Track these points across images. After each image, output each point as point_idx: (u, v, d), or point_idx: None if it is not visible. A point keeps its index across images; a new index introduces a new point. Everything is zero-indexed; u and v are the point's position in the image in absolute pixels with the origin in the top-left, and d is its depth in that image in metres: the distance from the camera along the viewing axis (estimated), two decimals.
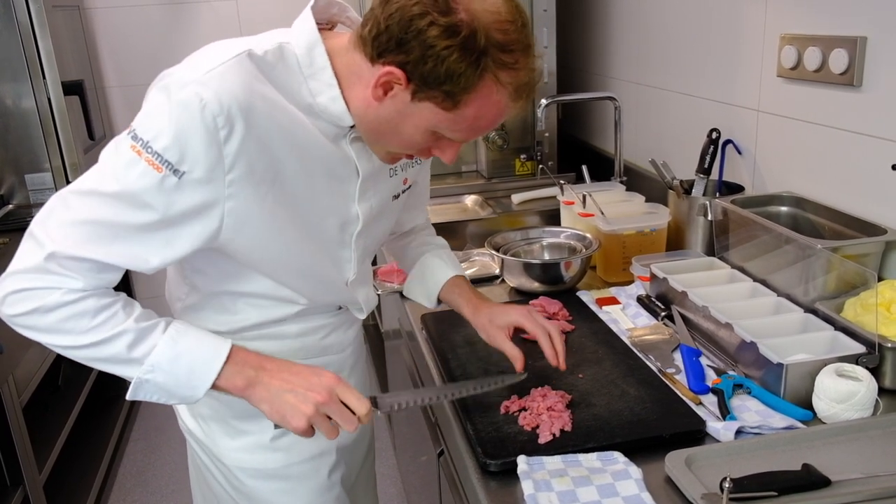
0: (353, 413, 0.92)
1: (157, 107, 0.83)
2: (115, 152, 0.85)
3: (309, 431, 0.92)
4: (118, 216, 0.85)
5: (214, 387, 0.92)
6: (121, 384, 3.23)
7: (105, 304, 0.89)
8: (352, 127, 0.95)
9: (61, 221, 0.86)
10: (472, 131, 0.90)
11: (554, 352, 1.08)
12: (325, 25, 0.95)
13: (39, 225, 0.87)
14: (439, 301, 1.23)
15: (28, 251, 0.86)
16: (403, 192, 1.11)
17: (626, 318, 1.38)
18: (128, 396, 0.92)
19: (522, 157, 2.39)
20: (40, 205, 2.68)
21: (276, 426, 0.93)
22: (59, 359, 2.40)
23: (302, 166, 0.93)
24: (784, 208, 1.45)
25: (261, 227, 0.92)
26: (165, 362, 0.90)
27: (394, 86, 0.86)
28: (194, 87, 0.82)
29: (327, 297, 1.09)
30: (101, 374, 2.67)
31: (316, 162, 0.94)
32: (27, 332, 0.89)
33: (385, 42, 0.83)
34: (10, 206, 2.47)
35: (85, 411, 2.47)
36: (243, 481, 1.12)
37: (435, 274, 1.22)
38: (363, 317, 1.17)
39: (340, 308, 1.14)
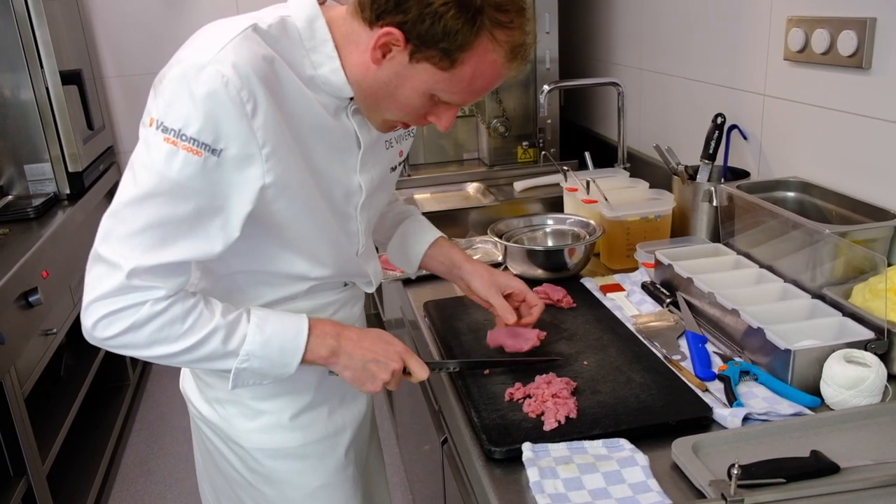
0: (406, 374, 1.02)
1: (179, 93, 0.84)
2: (148, 151, 0.86)
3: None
4: (174, 212, 0.86)
5: (303, 361, 0.97)
6: (123, 374, 3.20)
7: (190, 307, 0.91)
8: (351, 99, 0.97)
9: (122, 236, 0.86)
10: (469, 93, 0.92)
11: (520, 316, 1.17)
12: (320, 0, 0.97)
13: (103, 247, 0.87)
14: (420, 266, 1.26)
15: (103, 275, 0.87)
16: (399, 164, 1.14)
17: (630, 304, 1.37)
18: (230, 387, 0.97)
19: (524, 144, 2.38)
20: (39, 195, 2.68)
21: (331, 372, 1.02)
22: (61, 349, 2.40)
23: (309, 137, 0.95)
24: (790, 193, 1.44)
25: (294, 198, 0.94)
26: (258, 349, 0.94)
27: (392, 47, 0.88)
28: (212, 66, 0.83)
29: (344, 267, 1.10)
30: (104, 364, 2.67)
31: (319, 134, 0.96)
32: (124, 350, 0.91)
33: (384, 3, 0.86)
34: (10, 196, 2.46)
35: (88, 401, 2.47)
36: (261, 462, 1.13)
37: (418, 237, 1.25)
38: (371, 290, 1.20)
39: (346, 285, 1.16)
